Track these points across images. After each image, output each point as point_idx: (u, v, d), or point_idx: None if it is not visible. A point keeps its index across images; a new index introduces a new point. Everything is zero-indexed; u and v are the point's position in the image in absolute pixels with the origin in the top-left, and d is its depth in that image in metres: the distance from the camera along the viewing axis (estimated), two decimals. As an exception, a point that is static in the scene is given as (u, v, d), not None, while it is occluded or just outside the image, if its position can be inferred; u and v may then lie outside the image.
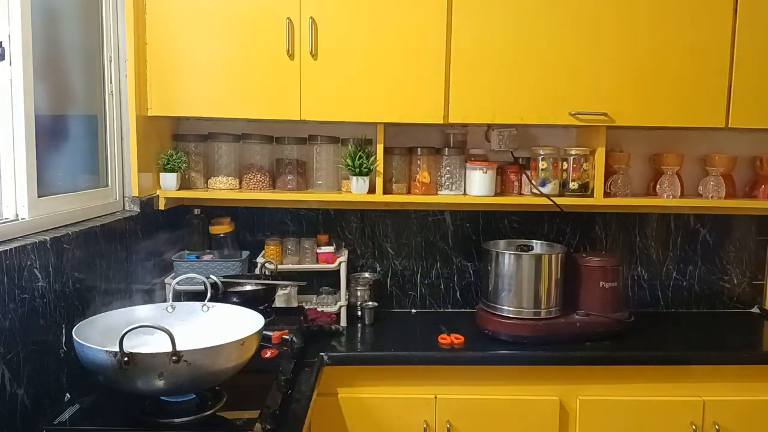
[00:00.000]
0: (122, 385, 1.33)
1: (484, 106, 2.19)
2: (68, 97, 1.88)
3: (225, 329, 1.54)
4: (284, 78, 2.15)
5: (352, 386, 2.07)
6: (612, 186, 2.41)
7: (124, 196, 2.09)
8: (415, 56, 2.16)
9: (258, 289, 2.15)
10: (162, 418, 1.38)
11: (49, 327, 1.48)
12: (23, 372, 1.37)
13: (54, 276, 1.50)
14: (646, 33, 2.18)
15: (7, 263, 1.32)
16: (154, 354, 1.29)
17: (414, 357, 2.08)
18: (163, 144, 2.32)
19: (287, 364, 1.81)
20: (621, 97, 2.21)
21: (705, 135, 2.54)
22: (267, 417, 1.45)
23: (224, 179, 2.38)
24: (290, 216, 2.55)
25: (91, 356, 1.31)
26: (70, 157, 1.89)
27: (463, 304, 2.60)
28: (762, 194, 2.47)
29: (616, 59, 2.19)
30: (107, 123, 2.05)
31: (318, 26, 2.14)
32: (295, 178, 2.40)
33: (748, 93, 2.21)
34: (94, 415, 1.42)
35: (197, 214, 2.40)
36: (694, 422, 2.07)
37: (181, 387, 1.37)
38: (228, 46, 2.14)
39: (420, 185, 2.35)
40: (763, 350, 2.31)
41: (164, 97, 2.15)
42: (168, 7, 2.12)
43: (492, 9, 2.17)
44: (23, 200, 1.52)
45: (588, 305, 2.24)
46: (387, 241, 2.57)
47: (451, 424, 2.07)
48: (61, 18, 1.83)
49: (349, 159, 2.25)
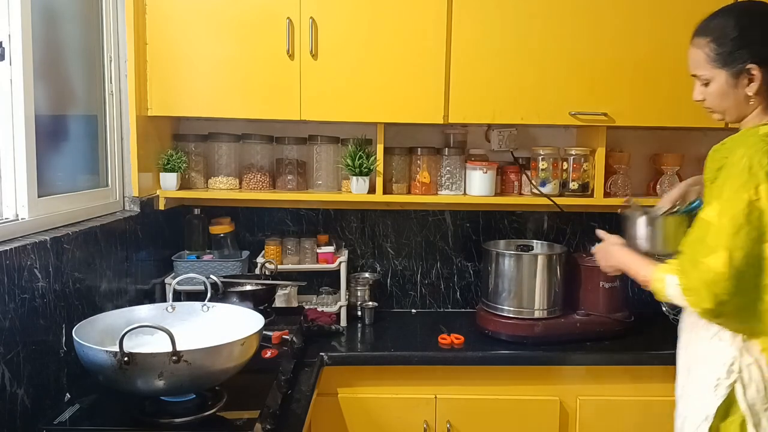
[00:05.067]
0: (122, 385, 1.33)
1: (484, 106, 2.19)
2: (68, 97, 1.88)
3: (225, 329, 1.54)
4: (284, 78, 2.15)
5: (352, 386, 2.07)
6: (612, 186, 2.41)
7: (124, 196, 2.09)
8: (415, 56, 2.16)
9: (258, 289, 2.15)
10: (162, 418, 1.38)
11: (49, 327, 1.48)
12: (23, 372, 1.37)
13: (54, 276, 1.50)
14: (646, 33, 2.18)
15: (7, 263, 1.32)
16: (154, 354, 1.29)
17: (414, 357, 2.08)
18: (163, 144, 2.32)
19: (287, 364, 1.81)
20: (621, 97, 2.21)
21: (705, 135, 2.53)
22: (267, 417, 1.45)
23: (224, 179, 2.38)
24: (290, 216, 2.55)
25: (91, 356, 1.31)
26: (70, 157, 1.89)
27: (463, 304, 2.60)
28: (762, 194, 2.47)
29: (616, 59, 2.20)
30: (107, 123, 2.05)
31: (318, 26, 2.14)
32: (295, 178, 2.40)
33: (748, 93, 2.21)
34: (94, 415, 1.42)
35: (197, 214, 2.41)
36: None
37: (181, 387, 1.37)
38: (228, 46, 2.14)
39: (420, 185, 2.35)
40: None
41: (164, 97, 2.15)
42: (168, 7, 2.12)
43: (492, 9, 2.17)
44: (23, 200, 1.52)
45: (588, 305, 2.24)
46: (387, 241, 2.57)
47: (451, 424, 2.07)
48: (61, 18, 1.83)
49: (349, 159, 2.25)
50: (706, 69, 1.48)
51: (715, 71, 1.46)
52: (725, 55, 1.45)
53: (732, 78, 1.45)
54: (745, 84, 1.44)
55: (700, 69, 1.49)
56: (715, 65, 1.46)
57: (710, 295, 1.34)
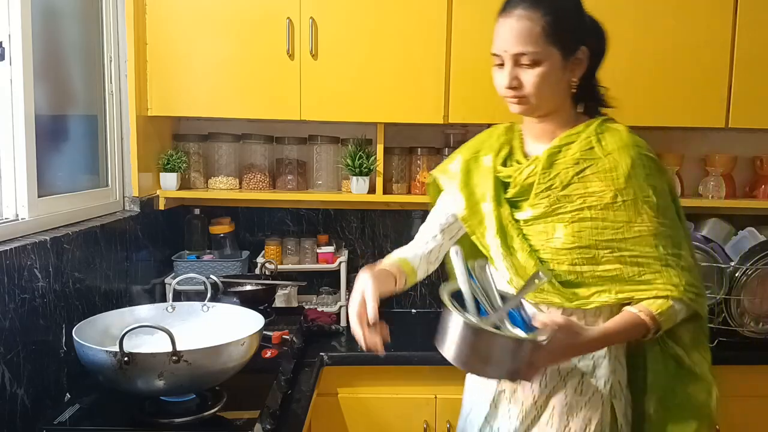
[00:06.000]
0: (122, 385, 1.33)
1: (484, 106, 2.18)
2: (68, 97, 1.88)
3: (225, 329, 1.54)
4: (284, 78, 2.15)
5: (352, 386, 2.07)
6: (612, 186, 2.40)
7: (124, 196, 2.09)
8: (415, 56, 2.16)
9: (258, 289, 2.15)
10: (162, 418, 1.38)
11: (49, 327, 1.48)
12: (23, 372, 1.37)
13: (54, 276, 1.50)
14: (645, 33, 2.18)
15: (7, 263, 1.32)
16: (154, 354, 1.29)
17: (414, 357, 2.07)
18: (163, 144, 2.32)
19: (287, 364, 1.81)
20: (621, 98, 2.20)
21: (705, 135, 2.54)
22: (267, 417, 1.45)
23: (224, 179, 2.38)
24: (290, 216, 2.55)
25: (91, 356, 1.31)
26: (70, 157, 1.89)
27: (463, 304, 2.60)
28: (762, 194, 2.47)
29: (616, 59, 2.18)
30: (107, 123, 2.05)
31: (318, 26, 2.14)
32: (295, 178, 2.40)
33: (748, 93, 2.21)
34: (94, 415, 1.41)
35: (197, 214, 2.40)
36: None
37: (181, 387, 1.37)
38: (228, 46, 2.14)
39: (420, 185, 2.35)
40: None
41: (164, 97, 2.15)
42: (168, 7, 2.12)
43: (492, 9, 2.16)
44: (23, 200, 1.52)
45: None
46: (387, 241, 2.57)
47: (451, 424, 2.06)
48: (61, 18, 1.83)
49: (349, 159, 2.25)
50: (538, 45, 1.23)
51: (550, 49, 1.24)
52: (564, 32, 1.25)
53: (563, 60, 1.26)
54: (571, 69, 1.29)
55: (530, 44, 1.23)
56: (549, 41, 1.23)
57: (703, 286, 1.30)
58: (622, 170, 1.27)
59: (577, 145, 1.31)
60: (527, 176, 1.33)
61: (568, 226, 1.27)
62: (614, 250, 1.25)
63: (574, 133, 1.33)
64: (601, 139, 1.31)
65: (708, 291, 2.12)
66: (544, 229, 1.30)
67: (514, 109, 1.33)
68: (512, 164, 1.39)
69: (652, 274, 1.24)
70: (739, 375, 2.07)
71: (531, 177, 1.32)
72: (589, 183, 1.28)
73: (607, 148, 1.30)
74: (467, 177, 1.42)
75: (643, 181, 1.27)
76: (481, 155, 1.43)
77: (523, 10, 1.25)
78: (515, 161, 1.39)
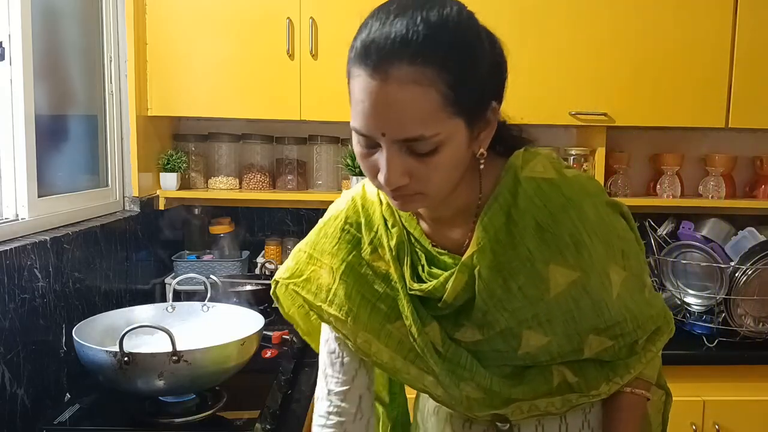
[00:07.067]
0: (122, 385, 1.34)
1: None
2: (68, 97, 1.88)
3: (225, 329, 1.54)
4: (284, 78, 2.15)
5: (352, 386, 2.07)
6: (612, 186, 2.41)
7: (124, 196, 2.09)
8: (415, 56, 2.16)
9: (258, 289, 2.15)
10: (162, 418, 1.38)
11: (49, 327, 1.48)
12: (23, 372, 1.37)
13: (54, 276, 1.50)
14: (646, 33, 2.18)
15: (7, 263, 1.32)
16: (154, 354, 1.29)
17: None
18: (163, 144, 2.32)
19: (287, 364, 1.80)
20: (621, 97, 2.21)
21: (705, 135, 2.54)
22: (267, 417, 1.44)
23: (224, 179, 2.38)
24: (290, 216, 2.55)
25: (91, 356, 1.31)
26: (70, 157, 1.89)
27: (463, 304, 2.60)
28: (762, 194, 2.47)
29: (616, 59, 2.19)
30: (107, 123, 2.05)
31: (318, 26, 2.14)
32: (295, 178, 2.40)
33: (748, 93, 2.21)
34: (94, 415, 1.41)
35: (197, 214, 2.40)
36: (695, 422, 2.07)
37: (181, 387, 1.37)
38: (228, 46, 2.14)
39: (420, 185, 2.34)
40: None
41: (164, 97, 2.15)
42: (168, 7, 2.12)
43: (491, 8, 2.16)
44: (23, 200, 1.52)
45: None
46: (387, 241, 2.56)
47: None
48: (61, 18, 1.83)
49: (349, 159, 2.25)
50: (438, 122, 0.78)
51: (454, 122, 0.80)
52: (472, 91, 0.81)
53: (469, 130, 0.83)
54: (478, 137, 0.86)
55: (428, 125, 0.78)
56: (452, 112, 0.79)
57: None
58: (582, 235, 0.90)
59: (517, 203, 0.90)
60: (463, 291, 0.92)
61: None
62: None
63: (501, 192, 0.91)
64: (527, 196, 0.90)
65: (708, 291, 2.13)
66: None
67: (401, 208, 0.89)
68: (423, 264, 0.96)
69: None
70: (739, 375, 2.08)
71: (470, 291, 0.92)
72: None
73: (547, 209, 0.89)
74: (361, 306, 0.98)
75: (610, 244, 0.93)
76: (365, 253, 0.99)
77: (408, 68, 0.77)
78: (427, 261, 0.96)
